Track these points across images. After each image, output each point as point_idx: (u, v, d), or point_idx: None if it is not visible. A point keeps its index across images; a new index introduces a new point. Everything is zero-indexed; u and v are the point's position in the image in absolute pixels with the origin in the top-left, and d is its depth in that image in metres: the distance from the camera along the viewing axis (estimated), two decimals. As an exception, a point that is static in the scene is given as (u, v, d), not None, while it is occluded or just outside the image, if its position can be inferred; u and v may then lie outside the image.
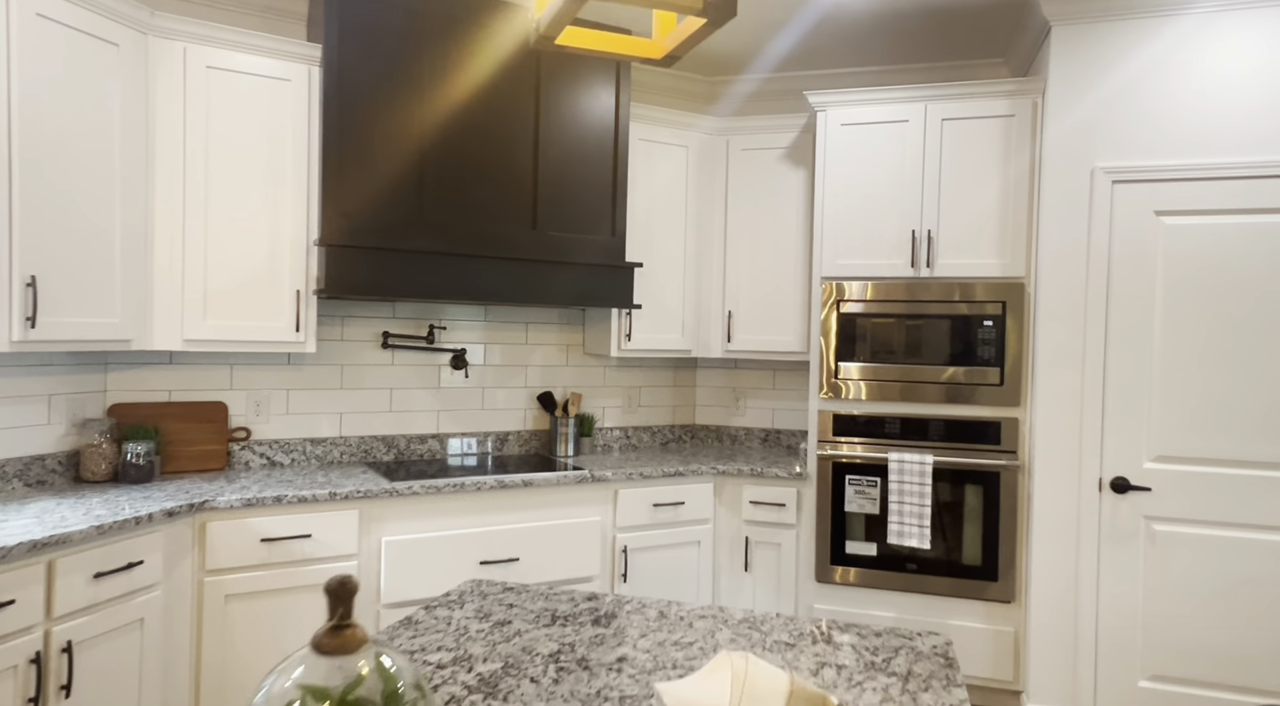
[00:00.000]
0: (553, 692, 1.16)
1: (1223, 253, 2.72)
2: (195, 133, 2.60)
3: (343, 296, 2.77)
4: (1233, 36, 2.69)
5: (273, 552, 2.50)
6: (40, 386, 2.55)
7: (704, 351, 3.62)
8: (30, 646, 1.93)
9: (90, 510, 2.21)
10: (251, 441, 3.01)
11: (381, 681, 0.67)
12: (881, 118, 3.15)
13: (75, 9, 2.29)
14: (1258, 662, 2.68)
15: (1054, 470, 2.90)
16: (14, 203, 2.15)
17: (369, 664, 0.66)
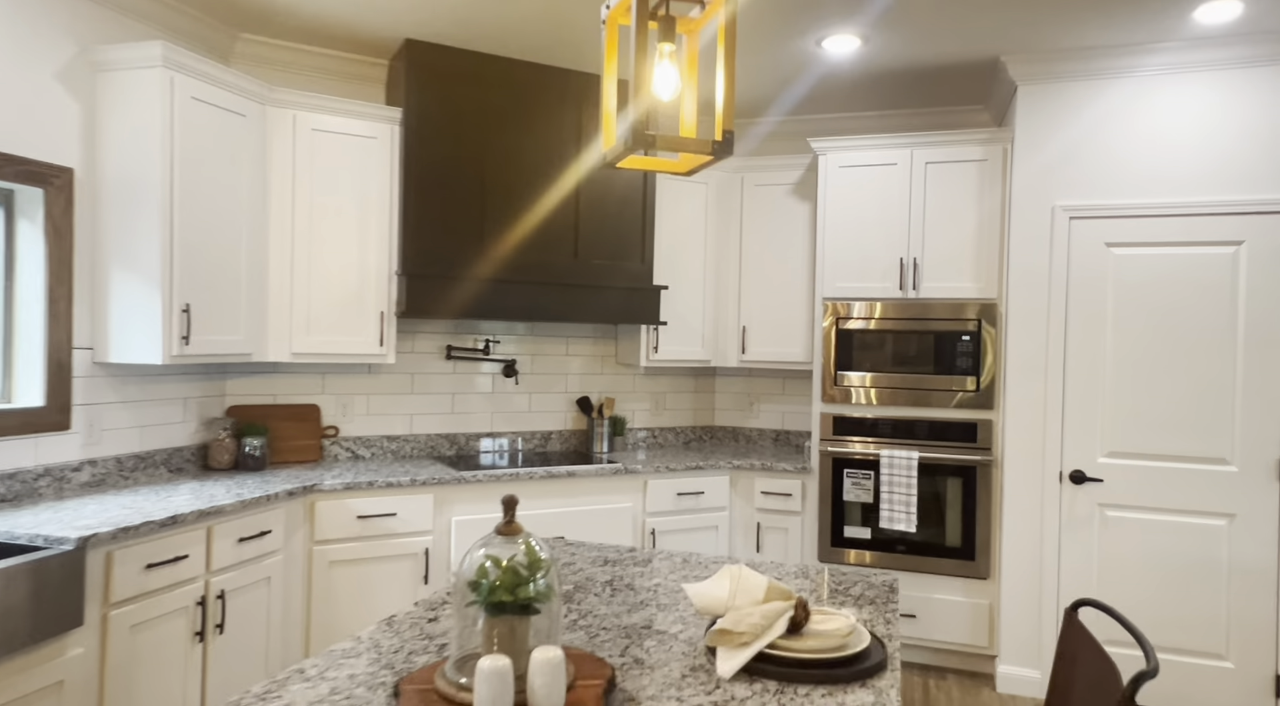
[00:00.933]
0: (610, 600, 1.69)
1: (1162, 279, 3.19)
2: (301, 183, 3.18)
3: (417, 316, 3.32)
4: (1170, 96, 3.17)
5: (366, 527, 3.06)
6: (178, 391, 3.14)
7: (722, 361, 4.14)
8: (196, 592, 2.49)
9: (230, 490, 2.78)
10: (339, 438, 3.58)
11: (528, 556, 1.19)
12: (874, 161, 3.66)
13: (216, 90, 2.88)
14: (1190, 625, 3.14)
15: (1022, 464, 3.38)
16: (174, 247, 2.74)
17: (524, 543, 1.19)
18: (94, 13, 2.76)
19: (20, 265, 2.63)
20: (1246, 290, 3.10)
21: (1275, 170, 3.06)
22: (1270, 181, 3.07)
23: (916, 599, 3.59)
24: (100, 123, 2.76)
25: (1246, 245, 3.10)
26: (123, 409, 2.90)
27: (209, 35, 3.19)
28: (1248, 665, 3.10)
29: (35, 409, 2.60)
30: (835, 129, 4.22)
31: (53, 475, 2.64)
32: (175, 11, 3.01)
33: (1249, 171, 3.09)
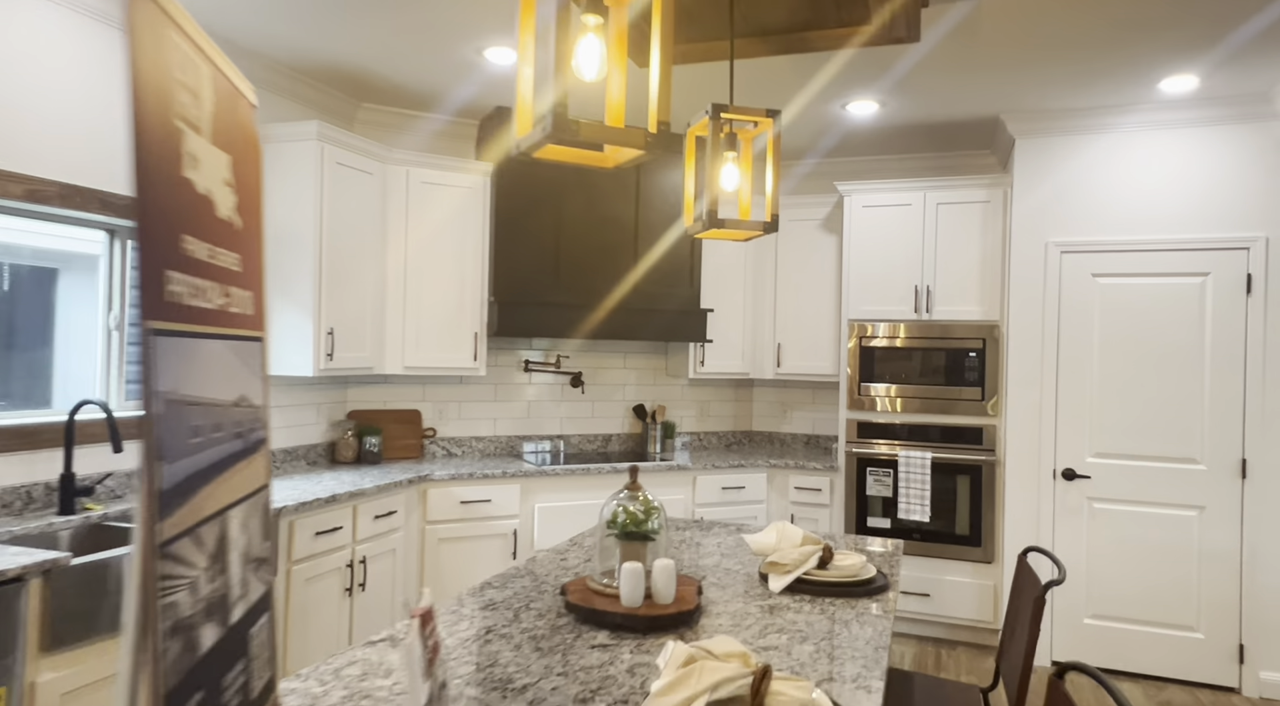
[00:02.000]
0: (687, 552, 2.30)
1: (1140, 305, 3.74)
2: (412, 226, 3.86)
3: (504, 335, 3.97)
4: (1145, 149, 3.72)
5: (466, 511, 3.71)
6: (312, 399, 3.82)
7: (759, 374, 4.74)
8: (346, 557, 3.16)
9: (362, 478, 3.45)
10: (436, 438, 4.24)
11: (644, 506, 1.80)
12: (892, 202, 4.24)
13: (352, 155, 3.56)
14: (1165, 602, 3.66)
15: (1021, 463, 3.93)
16: (323, 282, 3.42)
17: (641, 497, 1.81)
18: (270, 100, 3.46)
19: (206, 298, 3.33)
20: (1212, 315, 3.63)
21: (1234, 212, 3.59)
22: (1230, 222, 3.60)
23: (930, 580, 4.14)
24: (267, 185, 3.46)
25: (1212, 276, 3.63)
26: (278, 412, 3.59)
27: (337, 106, 3.89)
28: (1216, 636, 3.61)
29: (217, 411, 3.29)
30: (859, 171, 4.81)
31: (229, 464, 3.33)
32: (313, 88, 3.71)
33: (1213, 213, 3.63)
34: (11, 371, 3.01)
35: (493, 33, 3.07)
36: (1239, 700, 3.51)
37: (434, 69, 3.49)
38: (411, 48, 3.24)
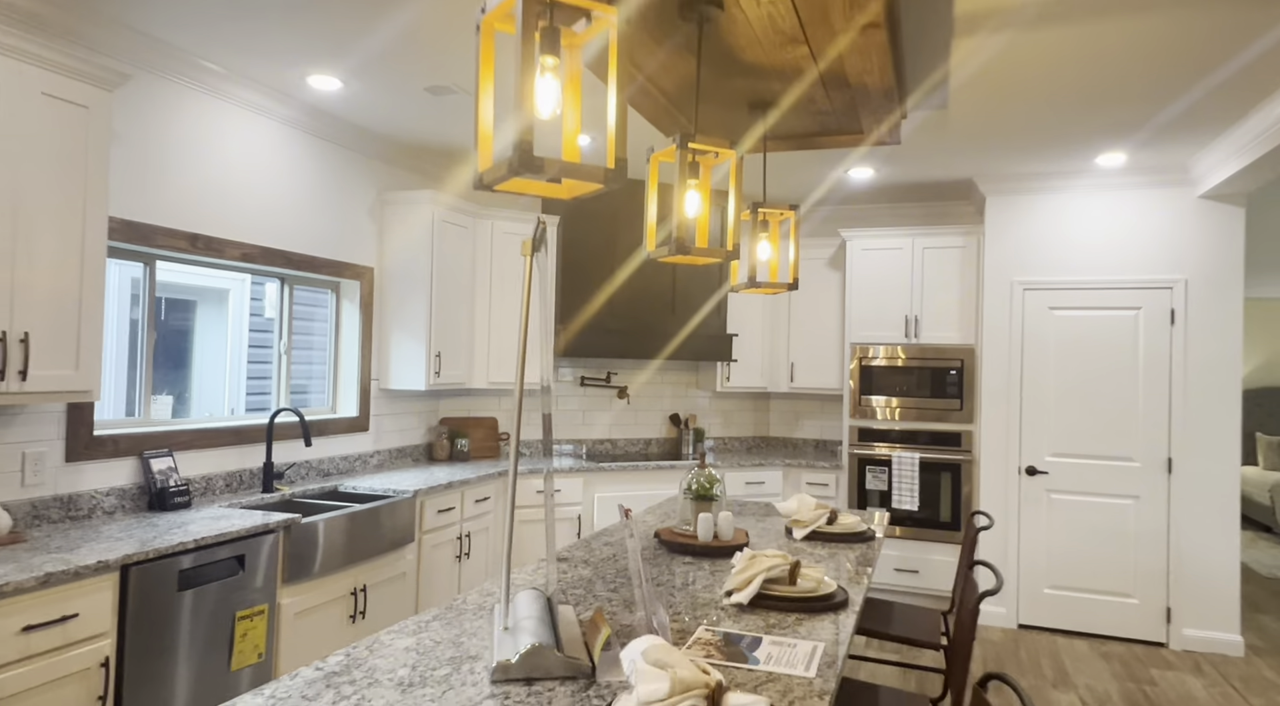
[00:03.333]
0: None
1: (1087, 332, 4.60)
2: (496, 267, 4.76)
3: (567, 356, 4.85)
4: (1088, 206, 4.60)
5: (538, 498, 4.58)
6: (414, 407, 4.72)
7: (775, 387, 5.61)
8: (457, 531, 4.04)
9: (462, 471, 4.33)
10: (509, 440, 5.13)
11: (709, 479, 2.67)
12: (886, 246, 5.13)
13: (454, 213, 4.47)
14: (1107, 573, 4.51)
15: (992, 462, 4.78)
16: (433, 314, 4.32)
17: (708, 472, 2.68)
18: (382, 169, 4.38)
19: (343, 328, 4.24)
20: (1144, 341, 4.50)
21: (1160, 259, 4.47)
22: (1157, 267, 4.47)
23: (919, 558, 4.99)
24: (387, 238, 4.37)
25: (1143, 310, 4.50)
26: (391, 418, 4.49)
27: (435, 171, 4.81)
28: (1147, 600, 4.45)
29: (351, 417, 4.20)
30: (859, 217, 5.70)
31: (361, 458, 4.23)
32: (420, 160, 4.63)
33: (1144, 259, 4.50)
34: (169, 381, 3.95)
35: (573, 125, 3.98)
36: (1167, 652, 4.34)
37: (520, 146, 4.40)
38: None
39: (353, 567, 3.31)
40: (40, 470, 2.71)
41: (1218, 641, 4.32)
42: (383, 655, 1.60)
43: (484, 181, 1.41)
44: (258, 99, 3.49)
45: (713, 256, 2.26)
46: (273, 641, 2.91)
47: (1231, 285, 4.35)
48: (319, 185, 3.95)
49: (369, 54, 3.07)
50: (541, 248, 1.77)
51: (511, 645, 1.54)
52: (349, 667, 1.52)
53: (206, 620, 2.64)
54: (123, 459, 2.99)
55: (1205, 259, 4.40)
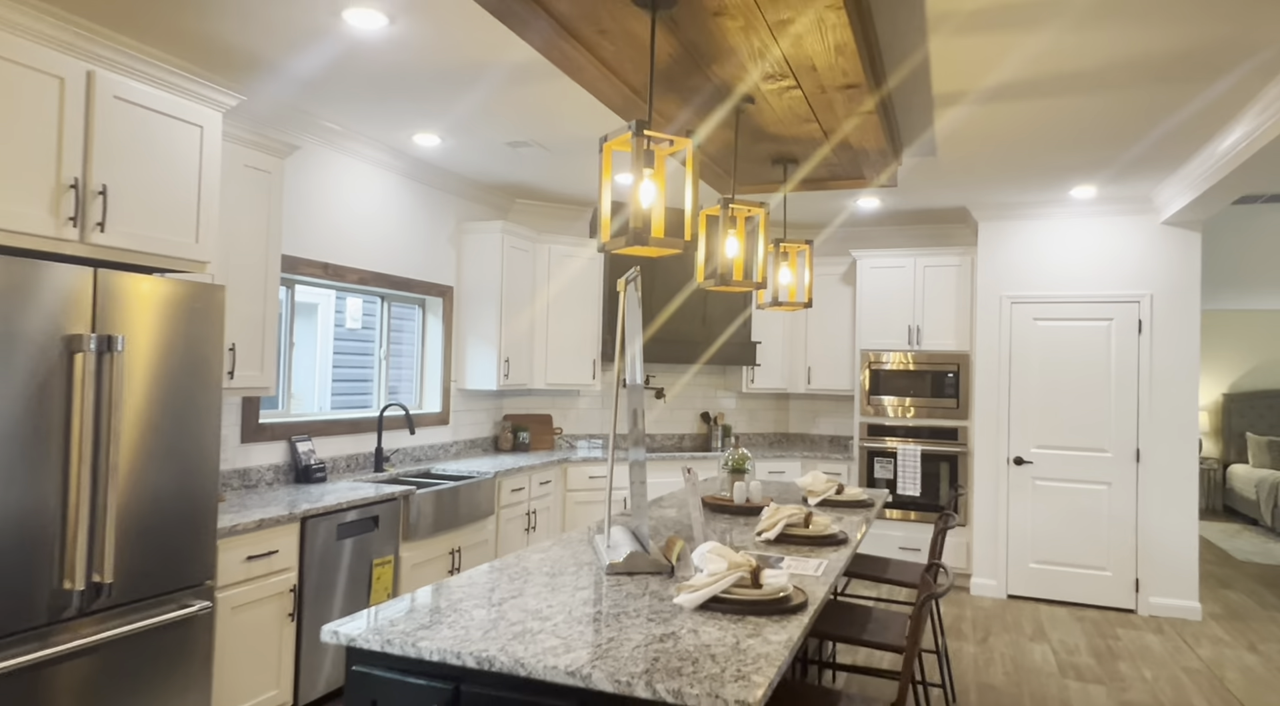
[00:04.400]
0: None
1: (1065, 340, 5.29)
2: (553, 285, 5.53)
3: (612, 360, 5.61)
4: (1064, 230, 5.30)
5: (592, 483, 5.34)
6: (483, 406, 5.50)
7: (794, 389, 6.33)
8: (526, 508, 4.81)
9: (527, 459, 5.10)
10: (562, 435, 5.90)
11: (742, 457, 3.41)
12: (892, 264, 5.85)
13: (519, 240, 5.26)
14: (1084, 550, 5.18)
15: (985, 453, 5.48)
16: (501, 324, 5.10)
17: (740, 452, 3.42)
18: (460, 203, 5.18)
19: (428, 337, 5.04)
20: (1115, 348, 5.18)
21: (1128, 276, 5.16)
22: (1126, 283, 5.16)
23: (921, 539, 5.68)
24: (464, 260, 5.17)
25: (1114, 321, 5.19)
26: (466, 414, 5.28)
27: (503, 203, 5.61)
28: (1118, 573, 5.12)
29: (436, 412, 4.99)
30: (867, 238, 6.42)
31: (443, 447, 5.02)
32: (491, 195, 5.43)
33: (1114, 277, 5.19)
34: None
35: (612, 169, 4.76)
36: (1135, 617, 5.01)
37: (567, 181, 5.18)
38: (558, 175, 4.93)
39: (449, 532, 4.09)
40: (225, 449, 3.51)
41: (1179, 607, 4.99)
42: (527, 562, 2.36)
43: (606, 248, 2.15)
44: (374, 153, 4.30)
45: (746, 287, 3.03)
46: (397, 585, 3.69)
47: (1190, 300, 5.03)
48: (411, 219, 4.75)
49: (462, 117, 3.86)
50: (634, 283, 2.52)
51: (614, 554, 2.30)
52: (508, 567, 2.29)
53: (353, 564, 3.42)
54: (277, 442, 3.79)
55: (1167, 277, 5.08)
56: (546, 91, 3.44)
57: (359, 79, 3.33)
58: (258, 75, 3.28)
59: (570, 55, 2.53)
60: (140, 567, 2.41)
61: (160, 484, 2.46)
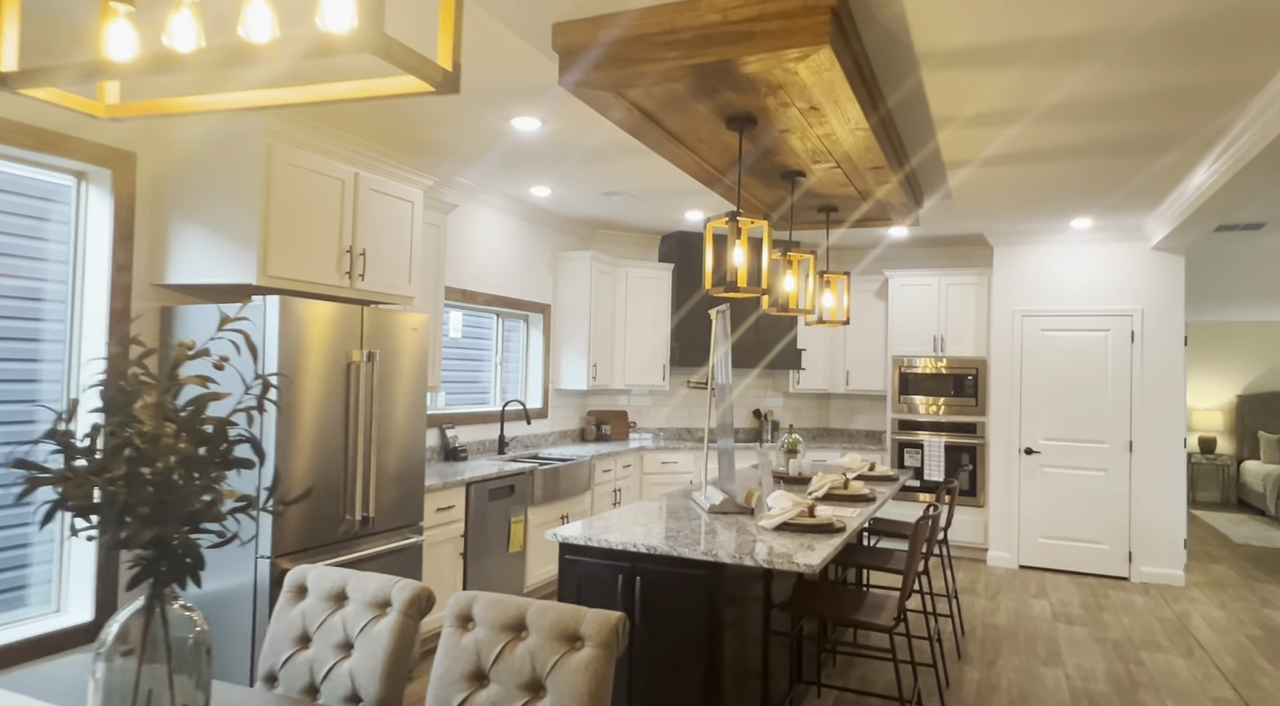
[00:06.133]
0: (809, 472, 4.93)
1: (1069, 347, 6.20)
2: (630, 300, 6.59)
3: (679, 365, 6.65)
4: (1071, 254, 6.20)
5: (664, 468, 6.39)
6: (572, 403, 6.59)
7: (835, 389, 7.31)
8: (613, 486, 5.88)
9: (610, 448, 6.17)
10: (636, 428, 6.96)
11: (795, 441, 4.42)
12: (919, 282, 6.80)
13: (603, 265, 6.34)
14: (1085, 526, 6.08)
15: (1000, 445, 6.40)
16: (590, 335, 6.19)
17: (794, 437, 4.43)
18: (555, 235, 6.29)
19: (531, 347, 6.15)
20: (1112, 354, 6.07)
21: (1123, 293, 6.04)
22: (1121, 299, 6.05)
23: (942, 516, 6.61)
24: (559, 283, 6.26)
25: (1111, 331, 6.08)
26: (560, 410, 6.38)
27: (586, 233, 6.70)
28: (1114, 546, 6.01)
29: (538, 408, 6.09)
30: (898, 259, 7.37)
31: (544, 436, 6.12)
32: (580, 228, 6.52)
33: (1111, 293, 6.08)
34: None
35: (687, 208, 5.81)
36: (1128, 583, 5.89)
37: (643, 217, 6.25)
38: (636, 212, 6.00)
39: (559, 501, 5.17)
40: (401, 433, 4.63)
41: (1165, 575, 5.86)
42: (649, 508, 3.42)
43: (711, 294, 3.21)
44: (499, 202, 5.43)
45: (800, 313, 4.07)
46: (526, 538, 4.78)
47: (1175, 314, 5.91)
48: (521, 250, 5.87)
49: (571, 174, 4.93)
50: (724, 314, 3.57)
51: (712, 500, 3.34)
52: (639, 510, 3.35)
53: (498, 520, 4.52)
54: (432, 428, 4.92)
55: (1156, 295, 5.96)
56: (641, 162, 4.50)
57: (507, 156, 4.43)
58: (444, 159, 4.41)
59: (675, 152, 3.59)
60: (388, 508, 3.53)
61: (397, 453, 3.58)
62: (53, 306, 3.07)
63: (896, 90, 3.22)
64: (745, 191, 4.27)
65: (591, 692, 1.57)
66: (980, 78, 3.08)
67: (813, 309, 4.09)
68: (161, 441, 1.07)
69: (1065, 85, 3.14)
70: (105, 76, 1.25)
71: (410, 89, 1.20)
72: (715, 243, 3.45)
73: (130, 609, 1.24)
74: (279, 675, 1.86)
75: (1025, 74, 3.03)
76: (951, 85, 3.16)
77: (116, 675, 1.22)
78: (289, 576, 1.96)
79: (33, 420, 3.02)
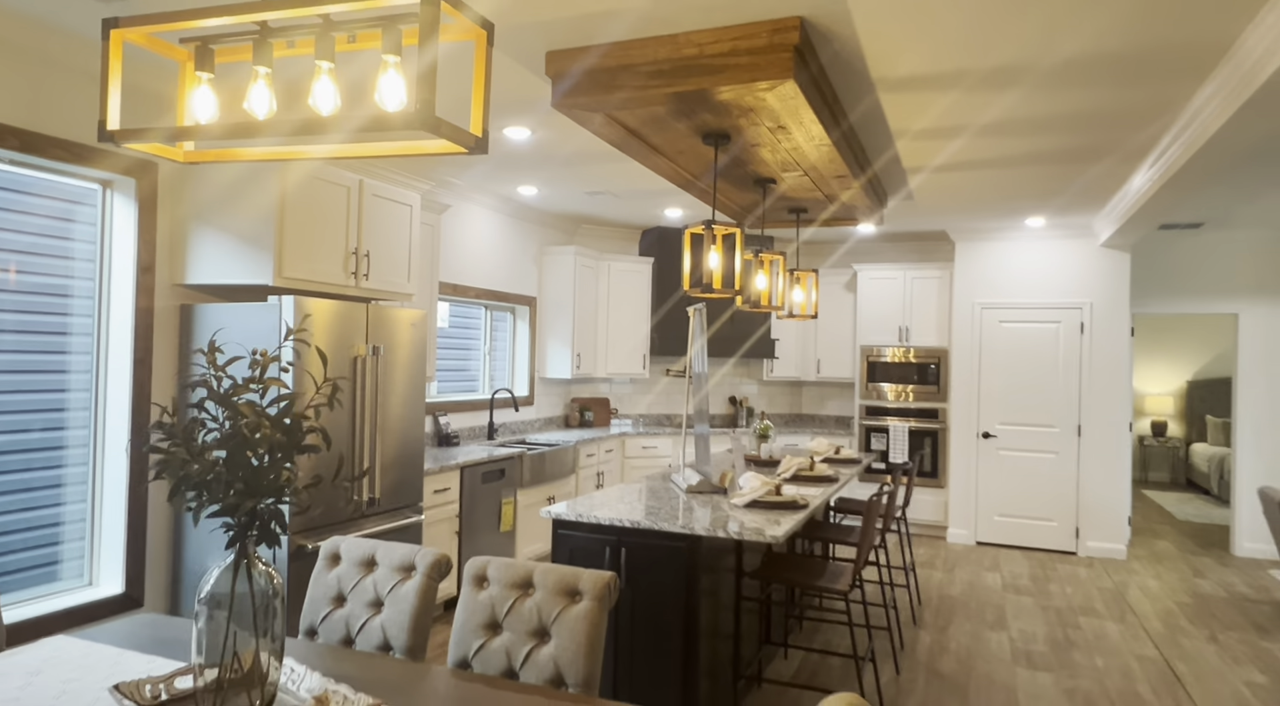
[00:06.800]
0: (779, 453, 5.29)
1: (1024, 338, 6.61)
2: (612, 293, 6.90)
3: (657, 354, 6.97)
4: (1026, 250, 6.60)
5: (644, 452, 6.73)
6: (556, 391, 6.90)
7: (807, 377, 7.68)
8: (596, 470, 6.21)
9: (593, 433, 6.50)
10: (617, 414, 7.29)
11: (767, 426, 4.76)
12: (886, 275, 7.17)
13: (587, 259, 6.63)
14: (1037, 505, 6.52)
15: (959, 429, 6.81)
16: (574, 327, 6.50)
17: (766, 423, 4.77)
18: (540, 231, 6.57)
19: (518, 338, 6.44)
20: (1063, 344, 6.49)
21: (1073, 287, 6.45)
22: (1071, 293, 6.46)
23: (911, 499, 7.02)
24: (544, 276, 6.55)
25: (1062, 323, 6.50)
26: (545, 397, 6.69)
27: (569, 228, 6.99)
28: (1063, 523, 6.46)
29: (524, 396, 6.39)
30: (866, 253, 7.74)
31: (530, 423, 6.43)
32: (563, 223, 6.81)
33: (1062, 287, 6.49)
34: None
35: (666, 206, 6.11)
36: (1074, 558, 6.35)
37: (623, 213, 6.55)
38: (617, 209, 6.30)
39: (546, 484, 5.49)
40: (397, 420, 4.92)
41: (1109, 549, 6.33)
42: (632, 489, 3.75)
43: (688, 294, 3.53)
44: (487, 200, 5.70)
45: (771, 309, 4.41)
46: (515, 518, 5.11)
47: (1121, 307, 6.33)
48: (507, 245, 6.14)
49: (557, 175, 5.22)
50: (700, 312, 3.89)
51: (689, 481, 3.68)
52: (623, 490, 3.68)
53: (489, 501, 4.84)
54: (427, 416, 5.21)
55: (1104, 289, 6.38)
56: (622, 165, 4.80)
57: (499, 161, 4.71)
58: (440, 165, 4.67)
59: (655, 161, 3.89)
60: (391, 490, 3.83)
61: (399, 439, 3.88)
62: (80, 303, 3.32)
63: (856, 107, 3.55)
64: (721, 196, 4.58)
65: (589, 637, 1.90)
66: (925, 98, 3.41)
67: (783, 305, 4.43)
68: (261, 431, 1.37)
69: (997, 106, 3.49)
70: (192, 138, 1.53)
71: (447, 150, 1.51)
72: (693, 246, 3.78)
73: (220, 567, 1.55)
74: (319, 629, 2.18)
75: (962, 96, 3.37)
76: (903, 104, 3.49)
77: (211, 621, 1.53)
78: (324, 546, 2.27)
79: (62, 407, 3.28)
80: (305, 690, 1.65)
